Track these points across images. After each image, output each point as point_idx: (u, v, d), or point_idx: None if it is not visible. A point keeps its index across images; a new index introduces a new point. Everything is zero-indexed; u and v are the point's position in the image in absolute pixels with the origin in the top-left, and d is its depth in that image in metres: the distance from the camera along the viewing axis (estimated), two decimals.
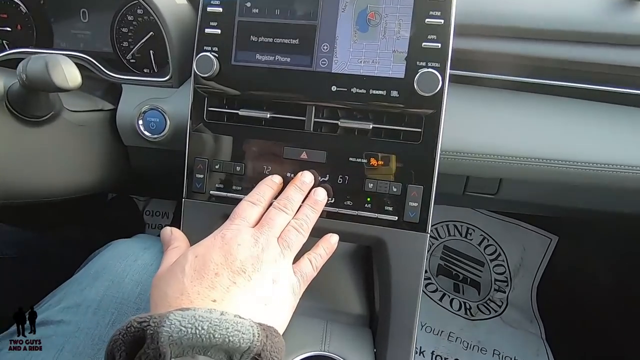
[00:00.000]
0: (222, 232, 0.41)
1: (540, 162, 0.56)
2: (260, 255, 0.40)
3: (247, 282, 0.38)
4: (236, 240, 0.40)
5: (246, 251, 0.40)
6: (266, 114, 0.53)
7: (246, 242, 0.40)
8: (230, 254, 0.39)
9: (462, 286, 1.29)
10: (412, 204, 0.50)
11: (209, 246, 0.40)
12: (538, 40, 0.54)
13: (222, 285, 0.36)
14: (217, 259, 0.38)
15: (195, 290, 0.36)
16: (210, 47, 0.53)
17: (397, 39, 0.50)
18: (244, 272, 0.38)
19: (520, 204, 0.69)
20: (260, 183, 0.49)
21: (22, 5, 0.70)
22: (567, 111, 0.57)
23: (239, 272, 0.38)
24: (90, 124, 0.58)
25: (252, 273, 0.38)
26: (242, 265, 0.38)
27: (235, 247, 0.39)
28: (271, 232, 0.42)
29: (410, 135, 0.51)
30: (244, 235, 0.41)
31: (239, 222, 0.43)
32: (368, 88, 0.50)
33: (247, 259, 0.39)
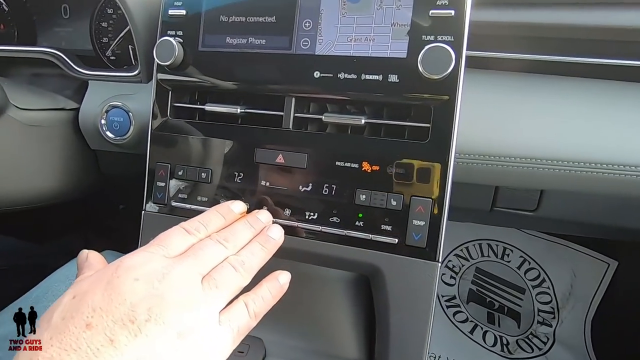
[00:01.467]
0: (122, 260, 0.29)
1: (594, 167, 0.41)
2: (165, 296, 0.27)
3: (133, 340, 0.25)
4: (133, 274, 0.28)
5: (142, 289, 0.27)
6: (236, 109, 0.44)
7: (148, 276, 0.28)
8: (119, 293, 0.27)
9: (498, 316, 1.11)
10: (417, 223, 0.38)
11: (94, 281, 0.28)
12: (592, 5, 0.40)
13: (91, 344, 0.24)
14: (96, 302, 0.26)
15: (49, 354, 0.24)
16: (174, 32, 0.45)
17: (398, 8, 0.39)
18: (132, 323, 0.26)
19: (569, 223, 0.54)
20: (211, 209, 0.36)
21: (4, 3, 0.67)
22: (631, 99, 0.43)
23: (123, 323, 0.26)
24: (49, 125, 0.51)
25: (144, 324, 0.26)
26: (131, 312, 0.26)
27: (128, 283, 0.27)
28: (194, 266, 0.30)
29: (416, 132, 0.39)
30: (149, 266, 0.29)
31: (153, 250, 0.31)
32: (359, 73, 0.39)
33: (141, 301, 0.27)
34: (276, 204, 0.42)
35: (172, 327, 0.27)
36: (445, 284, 1.17)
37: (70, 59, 0.56)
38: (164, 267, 0.29)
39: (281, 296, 0.35)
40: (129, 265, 0.28)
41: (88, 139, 0.55)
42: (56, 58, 0.56)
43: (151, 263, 0.29)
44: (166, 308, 0.27)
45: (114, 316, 0.26)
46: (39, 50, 0.56)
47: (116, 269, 0.28)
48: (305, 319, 0.47)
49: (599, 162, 0.42)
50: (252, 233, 0.35)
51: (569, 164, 0.42)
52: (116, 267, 0.29)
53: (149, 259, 0.29)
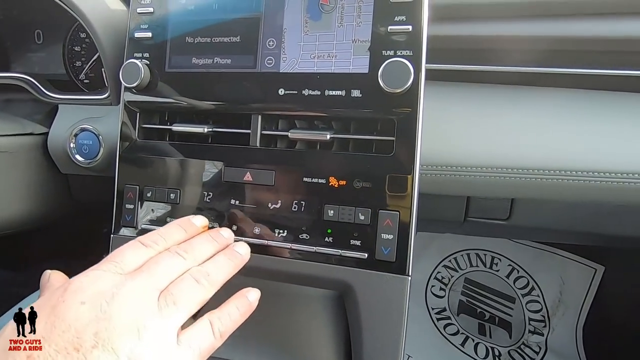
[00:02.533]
0: (70, 282, 0.28)
1: (561, 175, 0.42)
2: (114, 318, 0.25)
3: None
4: (80, 297, 0.26)
5: (88, 313, 0.25)
6: (204, 129, 0.44)
7: (95, 298, 0.26)
8: (63, 319, 0.25)
9: (489, 327, 1.10)
10: (386, 237, 0.38)
11: (39, 307, 0.26)
12: (546, 17, 0.41)
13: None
14: (39, 331, 0.25)
15: None
16: (140, 54, 0.45)
17: (358, 25, 0.39)
18: (76, 351, 0.24)
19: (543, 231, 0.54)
20: (171, 222, 0.35)
21: None
22: (593, 106, 0.43)
23: (67, 352, 0.24)
24: (16, 150, 0.51)
25: (90, 350, 0.24)
26: (76, 339, 0.24)
27: (73, 307, 0.25)
28: (149, 281, 0.28)
29: (382, 145, 0.40)
30: (97, 286, 0.27)
31: (105, 267, 0.29)
32: (323, 89, 0.40)
33: (87, 326, 0.25)
34: (245, 223, 0.42)
35: (122, 352, 0.25)
36: (435, 296, 1.16)
37: (41, 84, 0.56)
38: (114, 285, 0.27)
39: (250, 314, 0.34)
40: (76, 287, 0.27)
41: (58, 163, 0.54)
42: (26, 83, 0.56)
43: (100, 282, 0.27)
44: (114, 332, 0.25)
45: (57, 345, 0.24)
46: (9, 76, 0.56)
47: (63, 292, 0.27)
48: (278, 339, 0.46)
49: (566, 169, 0.42)
50: (215, 247, 0.34)
51: (537, 172, 0.43)
52: (64, 290, 0.27)
53: (98, 278, 0.27)
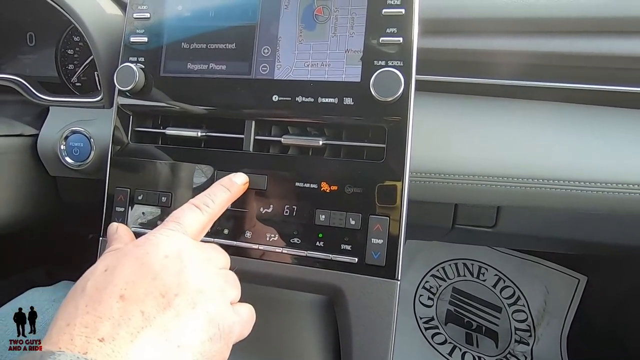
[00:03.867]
0: (147, 238, 0.31)
1: (546, 184, 0.43)
2: (190, 273, 0.29)
3: (162, 312, 0.27)
4: (162, 250, 0.30)
5: (172, 265, 0.29)
6: (197, 133, 0.44)
7: (175, 252, 0.30)
8: (149, 268, 0.28)
9: (476, 337, 1.11)
10: (376, 241, 0.38)
11: (124, 256, 0.30)
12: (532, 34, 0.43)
13: (124, 314, 0.26)
14: (128, 275, 0.28)
15: (85, 322, 0.26)
16: (135, 58, 0.46)
17: (351, 35, 0.41)
18: (162, 296, 0.27)
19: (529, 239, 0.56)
20: (216, 183, 0.38)
21: None
22: (575, 119, 0.45)
23: (153, 296, 0.27)
24: (4, 151, 0.50)
25: (173, 298, 0.28)
26: (162, 286, 0.28)
27: (159, 259, 0.29)
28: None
29: (373, 152, 0.41)
30: (173, 242, 0.31)
31: (173, 227, 0.32)
32: (316, 96, 0.41)
33: (172, 276, 0.29)
34: (237, 226, 0.42)
35: (197, 304, 0.28)
36: (423, 306, 1.16)
37: (32, 86, 0.55)
38: (184, 243, 0.31)
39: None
40: (156, 242, 0.30)
41: (47, 165, 0.53)
42: (17, 85, 0.55)
43: (174, 240, 0.31)
44: (190, 285, 0.29)
45: (146, 289, 0.27)
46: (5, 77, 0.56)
47: (143, 244, 0.30)
48: (268, 345, 0.46)
49: (549, 178, 0.44)
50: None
51: (521, 180, 0.44)
52: (143, 243, 0.30)
53: (171, 236, 0.31)
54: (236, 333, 0.31)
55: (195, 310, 0.28)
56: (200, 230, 0.34)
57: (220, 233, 0.42)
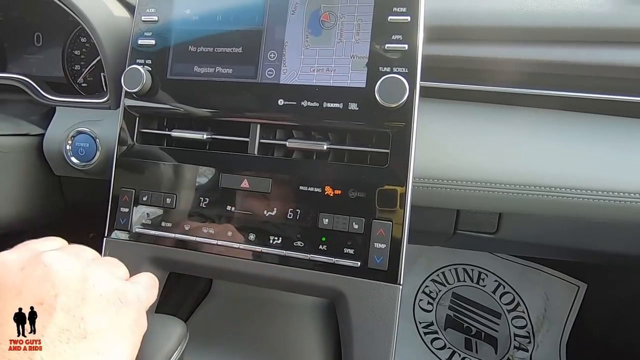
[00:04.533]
0: None
1: (547, 191, 0.44)
2: None
3: None
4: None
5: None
6: (203, 135, 0.44)
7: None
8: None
9: (476, 342, 1.11)
10: (379, 246, 0.39)
11: None
12: (535, 43, 0.44)
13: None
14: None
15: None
16: (143, 60, 0.46)
17: (357, 42, 0.41)
18: (41, 304, 0.25)
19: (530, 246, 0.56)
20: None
21: None
22: (575, 127, 0.46)
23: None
24: (10, 150, 0.50)
25: None
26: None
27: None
28: None
29: (377, 157, 0.41)
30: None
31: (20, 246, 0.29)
32: (321, 101, 0.41)
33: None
34: (241, 229, 0.42)
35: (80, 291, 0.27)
36: (422, 310, 1.16)
37: (39, 86, 0.56)
38: (42, 251, 0.28)
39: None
40: (2, 260, 0.27)
41: (52, 165, 0.54)
42: (24, 84, 0.56)
43: (25, 251, 0.28)
44: (68, 277, 0.26)
45: (16, 308, 0.25)
46: (7, 76, 0.56)
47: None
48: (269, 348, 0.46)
49: (550, 186, 0.44)
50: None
51: (522, 187, 0.45)
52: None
53: (20, 250, 0.28)
54: (144, 299, 0.30)
55: (86, 299, 0.26)
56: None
57: (224, 235, 0.42)
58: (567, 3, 0.44)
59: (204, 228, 0.43)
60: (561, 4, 0.44)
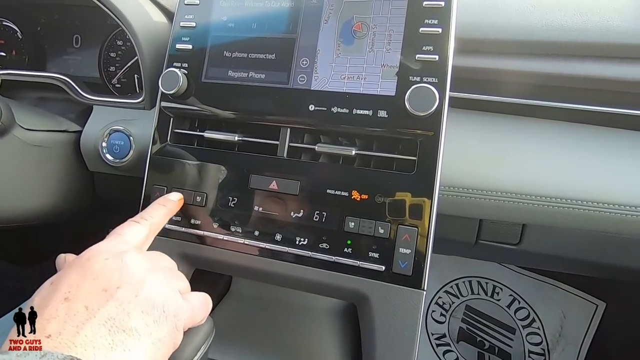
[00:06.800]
0: (90, 249, 0.33)
1: (572, 204, 0.44)
2: (130, 269, 0.31)
3: (105, 304, 0.29)
4: (103, 255, 0.32)
5: (112, 264, 0.31)
6: (234, 137, 0.46)
7: (115, 255, 0.32)
8: (92, 270, 0.30)
9: (489, 357, 1.09)
10: (404, 251, 0.39)
11: (67, 268, 0.31)
12: (562, 57, 0.44)
13: (68, 312, 0.27)
14: (72, 280, 0.29)
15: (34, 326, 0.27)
16: (180, 64, 0.48)
17: (388, 51, 0.42)
18: (105, 291, 0.29)
19: (552, 259, 0.55)
20: (153, 203, 0.42)
21: (19, 31, 0.70)
22: (601, 141, 0.46)
23: (97, 292, 0.29)
24: (49, 145, 0.53)
25: (115, 290, 0.29)
26: (104, 283, 0.30)
27: (99, 262, 0.31)
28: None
29: (403, 164, 0.42)
30: (113, 249, 0.33)
31: (114, 239, 0.35)
32: (351, 107, 0.42)
33: (113, 273, 0.30)
34: (268, 229, 0.43)
35: (139, 289, 0.30)
36: (435, 322, 1.15)
37: (78, 85, 0.59)
38: (124, 249, 0.33)
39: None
40: (97, 250, 0.32)
41: (87, 161, 0.56)
42: (64, 84, 0.59)
43: (114, 247, 0.33)
44: (131, 277, 0.30)
45: (89, 288, 0.29)
46: (49, 75, 0.59)
47: (84, 255, 0.32)
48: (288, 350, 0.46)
49: (576, 198, 0.44)
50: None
51: (548, 199, 0.45)
52: (84, 254, 0.32)
53: (112, 245, 0.34)
54: (185, 317, 0.32)
55: (138, 297, 0.29)
56: (143, 241, 0.37)
57: (251, 234, 0.44)
58: (597, 19, 0.44)
59: (232, 227, 0.44)
60: (590, 20, 0.45)
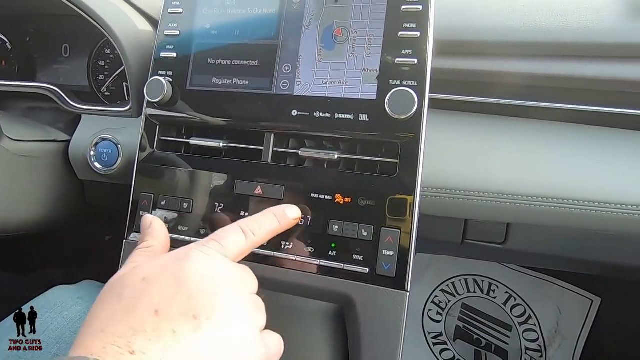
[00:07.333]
0: (186, 253, 0.31)
1: (555, 202, 0.44)
2: (223, 296, 0.29)
3: (192, 334, 0.27)
4: (199, 269, 0.30)
5: (208, 287, 0.29)
6: (219, 143, 0.46)
7: (211, 274, 0.30)
8: (186, 286, 0.29)
9: (486, 354, 1.09)
10: (387, 253, 0.40)
11: (162, 267, 0.30)
12: (541, 57, 0.45)
13: (156, 329, 0.26)
14: (165, 290, 0.28)
15: (118, 331, 0.26)
16: (164, 72, 0.49)
17: (368, 56, 0.43)
18: (195, 318, 0.27)
19: (539, 257, 0.56)
20: (268, 211, 0.38)
21: (8, 42, 0.71)
22: (584, 140, 0.46)
23: (186, 316, 0.27)
24: (38, 155, 0.53)
25: (205, 321, 0.28)
26: (195, 307, 0.28)
27: (195, 279, 0.29)
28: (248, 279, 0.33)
29: (386, 166, 0.42)
30: (210, 262, 0.31)
31: (213, 246, 0.32)
32: (333, 112, 0.43)
33: (207, 298, 0.29)
34: None
35: (230, 328, 0.29)
36: (431, 320, 1.15)
37: (66, 95, 0.59)
38: (222, 265, 0.31)
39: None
40: (195, 259, 0.30)
41: (77, 170, 0.56)
42: (53, 93, 0.59)
43: (211, 260, 0.31)
44: (224, 309, 0.29)
45: (180, 308, 0.27)
46: (38, 85, 0.60)
47: (182, 260, 0.30)
48: None
49: (559, 197, 0.45)
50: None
51: (531, 198, 0.45)
52: (182, 258, 0.30)
53: (209, 255, 0.31)
54: (256, 353, 0.30)
55: (225, 336, 0.28)
56: (239, 255, 0.34)
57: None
58: (576, 19, 0.45)
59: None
60: (570, 20, 0.45)
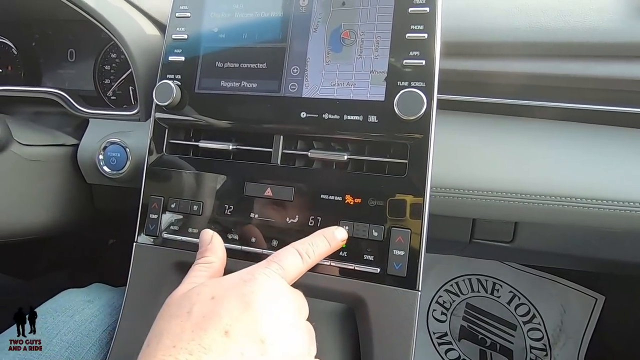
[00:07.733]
0: (252, 274, 0.32)
1: (563, 201, 0.44)
2: (287, 321, 0.31)
3: (259, 358, 0.28)
4: (264, 294, 0.31)
5: (274, 314, 0.30)
6: (228, 146, 0.47)
7: (275, 299, 0.31)
8: (255, 310, 0.29)
9: (491, 354, 1.09)
10: (398, 253, 0.40)
11: (230, 287, 0.31)
12: (547, 57, 0.45)
13: (226, 351, 0.27)
14: (233, 311, 0.29)
15: (190, 348, 0.27)
16: (173, 75, 0.49)
17: (376, 57, 0.43)
18: (262, 342, 0.28)
19: (546, 255, 0.56)
20: (318, 234, 0.39)
21: (13, 47, 0.71)
22: (590, 139, 0.47)
23: (254, 340, 0.28)
24: (47, 160, 0.54)
25: (271, 347, 0.28)
26: (263, 332, 0.29)
27: (261, 303, 0.30)
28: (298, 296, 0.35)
29: (395, 167, 0.43)
30: (274, 286, 0.32)
31: (274, 268, 0.33)
32: (342, 114, 0.43)
33: (271, 324, 0.29)
34: (264, 235, 0.44)
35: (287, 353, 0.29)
36: (436, 320, 1.16)
37: (73, 99, 0.59)
38: (284, 290, 0.32)
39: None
40: (260, 283, 0.31)
41: (85, 174, 0.57)
42: (60, 98, 0.59)
43: (275, 283, 0.32)
44: (288, 337, 0.30)
45: (248, 331, 0.28)
46: (45, 90, 0.60)
47: (248, 282, 0.31)
48: None
49: (567, 196, 0.45)
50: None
51: (539, 197, 0.46)
52: (248, 280, 0.31)
53: (272, 278, 0.32)
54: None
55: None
56: (296, 277, 0.35)
57: (248, 241, 0.44)
58: (580, 19, 0.45)
59: (229, 234, 0.45)
60: (574, 20, 0.46)
